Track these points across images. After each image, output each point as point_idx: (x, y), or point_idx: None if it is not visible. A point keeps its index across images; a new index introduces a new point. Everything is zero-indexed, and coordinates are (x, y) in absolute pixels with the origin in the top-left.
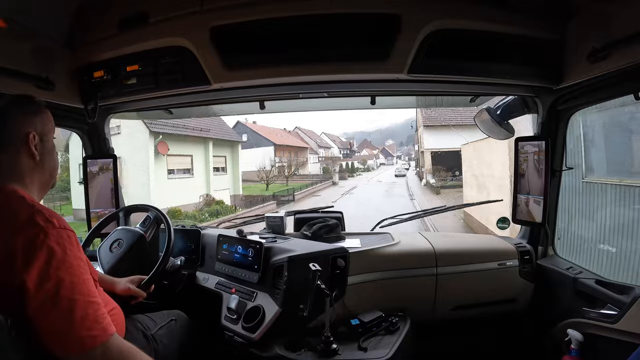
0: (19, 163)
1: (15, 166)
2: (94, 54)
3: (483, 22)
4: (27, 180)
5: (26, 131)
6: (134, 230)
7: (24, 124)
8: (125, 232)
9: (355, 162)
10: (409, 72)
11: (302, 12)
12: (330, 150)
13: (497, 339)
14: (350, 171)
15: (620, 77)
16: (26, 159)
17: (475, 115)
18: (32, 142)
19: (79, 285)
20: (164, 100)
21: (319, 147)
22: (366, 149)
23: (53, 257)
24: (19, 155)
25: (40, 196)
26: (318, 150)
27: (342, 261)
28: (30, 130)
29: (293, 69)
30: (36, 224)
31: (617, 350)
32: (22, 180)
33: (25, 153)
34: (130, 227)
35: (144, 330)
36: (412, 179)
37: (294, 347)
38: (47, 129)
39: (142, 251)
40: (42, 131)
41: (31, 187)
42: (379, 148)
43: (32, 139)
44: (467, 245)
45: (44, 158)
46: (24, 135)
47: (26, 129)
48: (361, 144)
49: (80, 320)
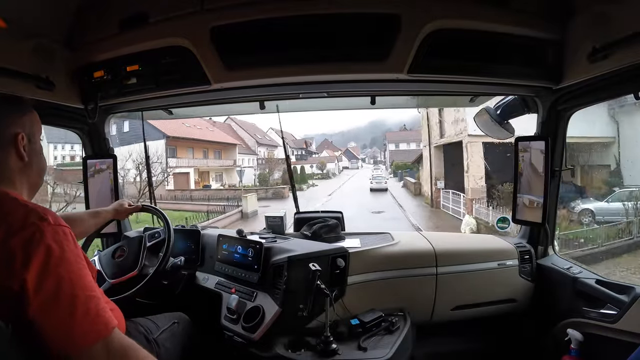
0: (7, 164)
1: (4, 168)
2: (94, 54)
3: (483, 22)
4: (16, 182)
5: (14, 132)
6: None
7: (11, 124)
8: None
9: (307, 165)
10: (409, 72)
11: (302, 12)
12: (277, 150)
13: (497, 339)
14: (298, 180)
15: (620, 77)
16: (15, 161)
17: (475, 115)
18: (21, 143)
19: (78, 281)
20: (164, 100)
21: (260, 146)
22: (327, 150)
23: (51, 254)
24: (7, 157)
25: (30, 197)
26: (258, 150)
27: (342, 261)
28: (18, 131)
29: (293, 69)
30: (31, 224)
31: (617, 350)
32: (11, 182)
33: (13, 154)
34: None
35: (145, 334)
36: (403, 198)
37: (294, 347)
38: (35, 129)
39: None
40: (30, 132)
41: (21, 189)
42: (342, 149)
43: (20, 140)
44: (467, 245)
45: (32, 159)
46: (12, 136)
47: (14, 129)
48: (322, 144)
49: (82, 316)
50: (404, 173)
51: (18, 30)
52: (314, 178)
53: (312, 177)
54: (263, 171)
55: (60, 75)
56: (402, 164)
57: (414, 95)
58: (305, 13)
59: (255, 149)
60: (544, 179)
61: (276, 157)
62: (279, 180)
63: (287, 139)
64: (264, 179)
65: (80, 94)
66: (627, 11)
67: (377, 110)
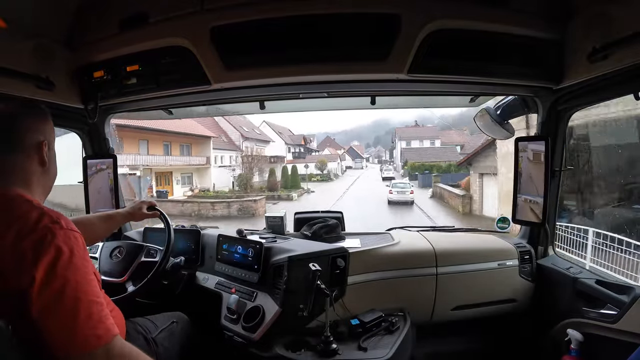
0: (28, 169)
1: (23, 171)
2: (94, 54)
3: (483, 22)
4: (33, 185)
5: (39, 139)
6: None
7: (36, 131)
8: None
9: (302, 165)
10: (409, 72)
11: (302, 12)
12: (268, 146)
13: (497, 339)
14: (288, 185)
15: (620, 77)
16: (36, 166)
17: (475, 115)
18: (44, 149)
19: (84, 286)
20: (164, 100)
21: (247, 140)
22: (329, 147)
23: (60, 256)
24: (29, 161)
25: (42, 200)
26: (244, 145)
27: (342, 261)
28: (42, 138)
29: (293, 69)
30: (44, 226)
31: (617, 350)
32: (28, 185)
33: (36, 160)
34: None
35: (144, 334)
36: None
37: (294, 347)
38: (53, 136)
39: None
40: (50, 139)
41: (36, 192)
42: (345, 148)
43: (44, 147)
44: (467, 245)
45: (50, 165)
46: (37, 143)
47: (38, 136)
48: (323, 142)
49: (84, 320)
50: (435, 178)
51: (18, 30)
52: (312, 180)
53: (311, 178)
54: (247, 172)
55: (60, 75)
56: (420, 164)
57: (414, 95)
58: (305, 13)
59: (240, 144)
60: (543, 179)
61: (266, 155)
62: (262, 184)
63: (283, 134)
64: (243, 182)
65: (80, 94)
66: (627, 11)
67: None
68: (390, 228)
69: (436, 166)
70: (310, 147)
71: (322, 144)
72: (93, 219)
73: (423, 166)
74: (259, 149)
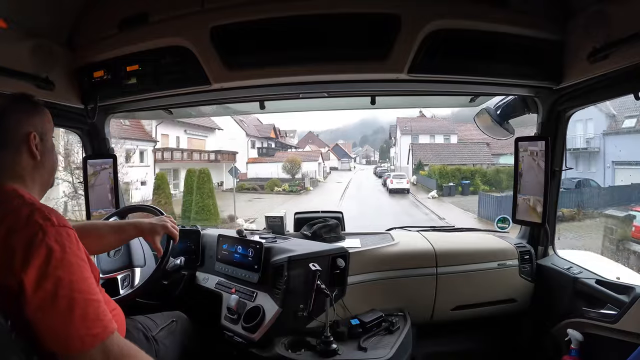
0: (19, 162)
1: (16, 166)
2: (94, 53)
3: (483, 22)
4: (27, 179)
5: (27, 131)
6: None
7: (24, 123)
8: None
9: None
10: (409, 72)
11: (302, 12)
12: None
13: (497, 339)
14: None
15: (620, 77)
16: (27, 159)
17: (475, 115)
18: (33, 141)
19: (78, 284)
20: (164, 100)
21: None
22: (311, 144)
23: (52, 255)
24: (19, 155)
25: (41, 195)
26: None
27: (342, 261)
28: (30, 130)
29: (293, 69)
30: (35, 223)
31: (617, 350)
32: (22, 179)
33: (26, 153)
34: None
35: (144, 332)
36: None
37: (294, 347)
38: (47, 128)
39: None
40: (42, 131)
41: (32, 187)
42: (330, 146)
43: (32, 139)
44: (467, 245)
45: (44, 158)
46: (24, 135)
47: (27, 128)
48: (304, 138)
49: (80, 319)
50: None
51: (18, 30)
52: (274, 191)
53: (273, 187)
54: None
55: (60, 75)
56: (453, 168)
57: (414, 95)
58: (305, 13)
59: (154, 133)
60: (543, 179)
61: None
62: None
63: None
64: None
65: (80, 94)
66: (627, 11)
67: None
68: (390, 228)
69: (479, 172)
70: (285, 143)
71: (304, 141)
72: (101, 227)
73: (459, 171)
74: (195, 139)
